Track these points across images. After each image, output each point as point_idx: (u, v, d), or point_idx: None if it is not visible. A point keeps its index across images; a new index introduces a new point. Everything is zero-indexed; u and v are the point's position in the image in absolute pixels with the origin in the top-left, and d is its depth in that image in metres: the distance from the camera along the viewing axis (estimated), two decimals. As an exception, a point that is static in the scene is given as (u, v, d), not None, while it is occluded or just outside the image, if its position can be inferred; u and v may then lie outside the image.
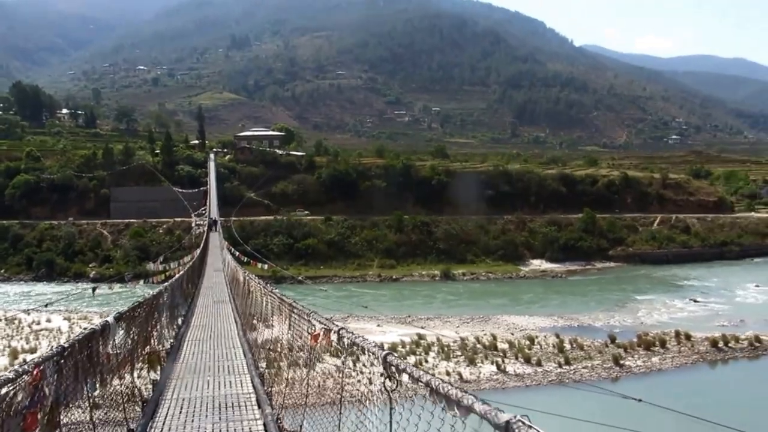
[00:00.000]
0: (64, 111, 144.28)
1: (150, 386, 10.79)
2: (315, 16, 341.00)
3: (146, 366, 11.27)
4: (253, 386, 10.70)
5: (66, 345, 5.54)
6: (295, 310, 8.58)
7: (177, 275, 21.32)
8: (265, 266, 44.29)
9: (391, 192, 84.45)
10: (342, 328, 6.00)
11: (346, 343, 5.72)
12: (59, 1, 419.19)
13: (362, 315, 43.22)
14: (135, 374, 9.79)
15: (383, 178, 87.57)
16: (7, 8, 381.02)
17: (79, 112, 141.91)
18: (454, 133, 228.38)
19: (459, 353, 34.30)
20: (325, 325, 6.61)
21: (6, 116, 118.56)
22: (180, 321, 18.61)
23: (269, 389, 10.06)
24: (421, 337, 36.91)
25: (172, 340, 15.32)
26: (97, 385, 6.68)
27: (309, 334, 7.17)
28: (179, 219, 75.26)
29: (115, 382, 8.00)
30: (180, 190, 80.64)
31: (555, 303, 52.91)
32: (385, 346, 4.75)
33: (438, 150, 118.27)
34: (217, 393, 10.46)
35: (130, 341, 9.01)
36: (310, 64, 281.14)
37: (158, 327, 13.11)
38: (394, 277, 68.82)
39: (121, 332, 8.15)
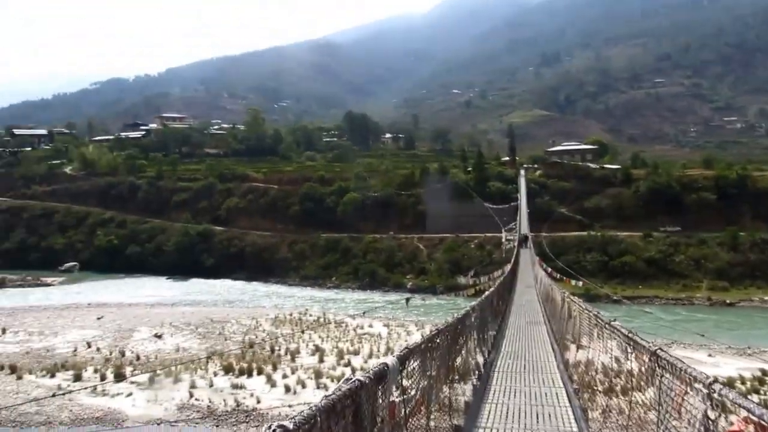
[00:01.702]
0: (387, 135, 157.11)
1: None
2: (629, 25, 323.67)
3: (446, 408, 8.88)
4: None
5: (320, 407, 3.49)
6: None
7: (488, 291, 19.14)
8: (579, 283, 41.56)
9: (722, 206, 74.86)
10: (659, 349, 5.36)
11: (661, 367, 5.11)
12: (385, 38, 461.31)
13: (689, 342, 38.14)
14: (431, 422, 7.66)
15: (712, 190, 78.01)
16: (343, 50, 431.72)
17: (400, 135, 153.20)
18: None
19: (823, 397, 27.86)
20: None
21: (340, 142, 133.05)
22: (489, 346, 16.17)
23: None
24: (765, 373, 31.04)
25: (478, 372, 12.90)
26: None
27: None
28: (490, 234, 75.70)
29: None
30: (491, 205, 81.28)
31: None
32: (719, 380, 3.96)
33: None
34: None
35: (425, 380, 6.93)
36: (623, 74, 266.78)
37: (463, 354, 10.80)
38: (727, 301, 60.44)
39: (413, 368, 6.25)
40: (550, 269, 41.71)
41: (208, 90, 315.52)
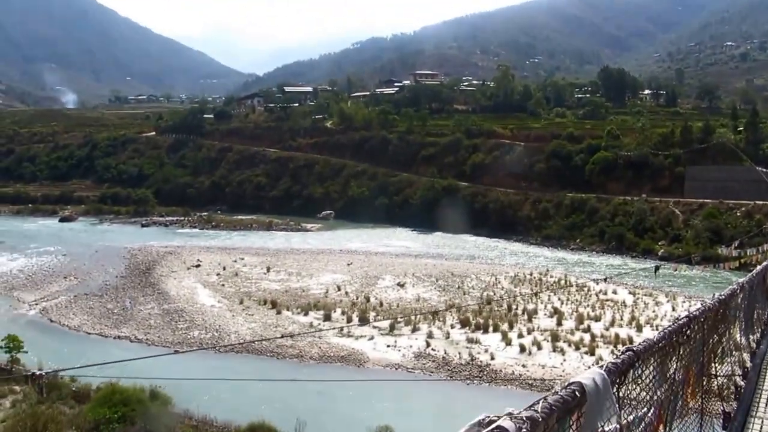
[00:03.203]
0: (646, 91, 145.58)
1: None
2: None
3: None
4: None
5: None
6: None
7: (757, 268, 14.01)
8: None
9: None
10: None
11: None
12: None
13: None
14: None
15: None
16: (603, 1, 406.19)
17: (661, 91, 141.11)
18: None
19: None
20: None
21: (593, 98, 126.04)
22: (758, 336, 11.66)
23: None
24: None
25: (743, 369, 9.01)
26: None
27: None
28: (761, 202, 66.85)
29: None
30: (764, 170, 71.58)
31: None
32: None
33: None
34: None
35: (665, 386, 4.73)
36: None
37: (724, 347, 7.82)
38: None
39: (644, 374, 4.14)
40: None
41: (460, 47, 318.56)
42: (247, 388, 26.92)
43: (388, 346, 35.35)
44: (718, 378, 7.39)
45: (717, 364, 7.21)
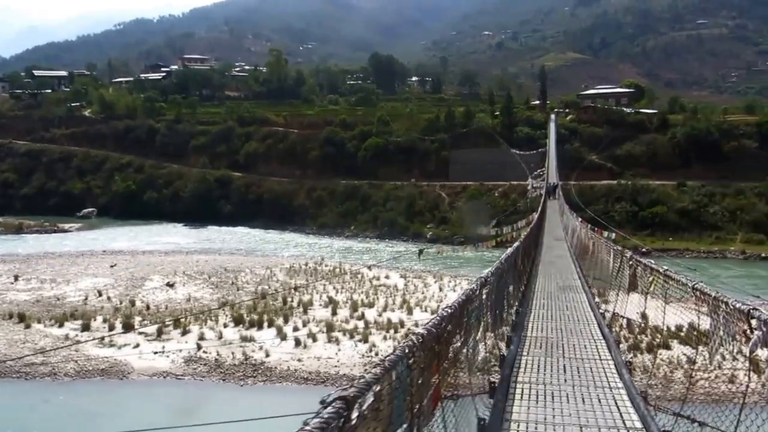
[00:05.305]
0: (414, 78, 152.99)
1: None
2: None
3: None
4: None
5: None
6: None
7: (510, 249, 13.51)
8: (613, 235, 38.96)
9: (764, 155, 71.04)
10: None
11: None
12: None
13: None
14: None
15: (754, 138, 74.08)
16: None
17: (427, 78, 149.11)
18: None
19: None
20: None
21: (364, 85, 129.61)
22: (508, 330, 11.17)
23: None
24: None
25: (490, 386, 7.87)
26: None
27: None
28: (515, 182, 72.91)
29: None
30: (518, 152, 78.19)
31: None
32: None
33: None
34: None
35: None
36: (665, 14, 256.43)
37: (466, 352, 6.66)
38: (763, 255, 57.73)
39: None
40: (581, 219, 39.25)
41: (232, 31, 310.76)
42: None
43: (156, 352, 32.56)
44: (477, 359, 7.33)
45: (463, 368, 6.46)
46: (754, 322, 4.76)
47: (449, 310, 5.34)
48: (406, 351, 3.75)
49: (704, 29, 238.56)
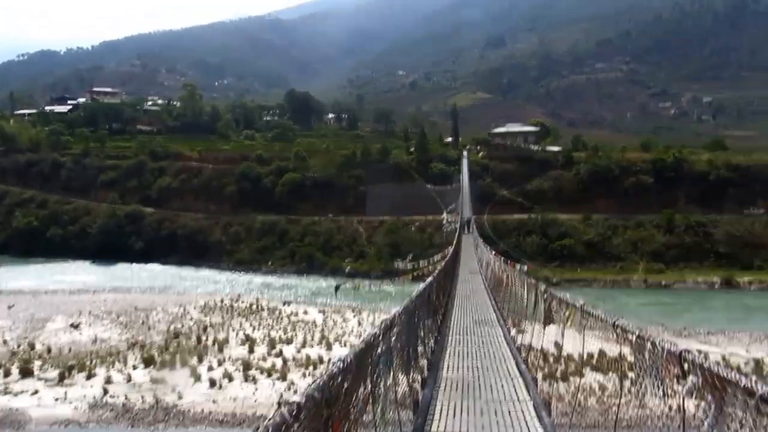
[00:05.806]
0: (330, 115, 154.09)
1: None
2: (573, 9, 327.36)
3: None
4: None
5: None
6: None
7: (422, 284, 13.60)
8: (525, 267, 40.13)
9: (659, 189, 75.72)
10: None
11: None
12: (332, 16, 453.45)
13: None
14: None
15: (650, 173, 78.79)
16: (288, 25, 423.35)
17: (343, 115, 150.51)
18: (730, 125, 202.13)
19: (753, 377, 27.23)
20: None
21: (281, 121, 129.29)
22: (424, 369, 11.14)
23: None
24: (701, 353, 30.37)
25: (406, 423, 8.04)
26: None
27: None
28: (431, 216, 74.21)
29: None
30: (433, 186, 79.77)
31: None
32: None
33: (715, 143, 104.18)
34: None
35: None
36: (566, 58, 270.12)
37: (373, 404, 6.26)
38: (663, 283, 61.33)
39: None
40: (494, 252, 40.27)
41: (145, 65, 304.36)
42: None
43: (57, 399, 30.68)
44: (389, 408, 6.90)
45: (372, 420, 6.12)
46: (686, 366, 4.61)
47: (341, 364, 4.59)
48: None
49: (601, 73, 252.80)
